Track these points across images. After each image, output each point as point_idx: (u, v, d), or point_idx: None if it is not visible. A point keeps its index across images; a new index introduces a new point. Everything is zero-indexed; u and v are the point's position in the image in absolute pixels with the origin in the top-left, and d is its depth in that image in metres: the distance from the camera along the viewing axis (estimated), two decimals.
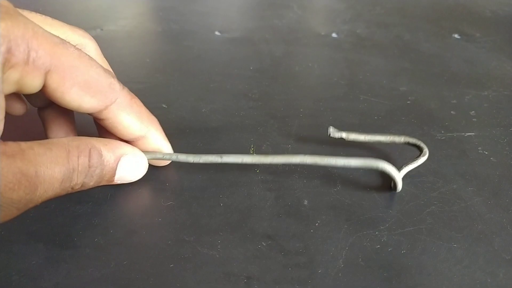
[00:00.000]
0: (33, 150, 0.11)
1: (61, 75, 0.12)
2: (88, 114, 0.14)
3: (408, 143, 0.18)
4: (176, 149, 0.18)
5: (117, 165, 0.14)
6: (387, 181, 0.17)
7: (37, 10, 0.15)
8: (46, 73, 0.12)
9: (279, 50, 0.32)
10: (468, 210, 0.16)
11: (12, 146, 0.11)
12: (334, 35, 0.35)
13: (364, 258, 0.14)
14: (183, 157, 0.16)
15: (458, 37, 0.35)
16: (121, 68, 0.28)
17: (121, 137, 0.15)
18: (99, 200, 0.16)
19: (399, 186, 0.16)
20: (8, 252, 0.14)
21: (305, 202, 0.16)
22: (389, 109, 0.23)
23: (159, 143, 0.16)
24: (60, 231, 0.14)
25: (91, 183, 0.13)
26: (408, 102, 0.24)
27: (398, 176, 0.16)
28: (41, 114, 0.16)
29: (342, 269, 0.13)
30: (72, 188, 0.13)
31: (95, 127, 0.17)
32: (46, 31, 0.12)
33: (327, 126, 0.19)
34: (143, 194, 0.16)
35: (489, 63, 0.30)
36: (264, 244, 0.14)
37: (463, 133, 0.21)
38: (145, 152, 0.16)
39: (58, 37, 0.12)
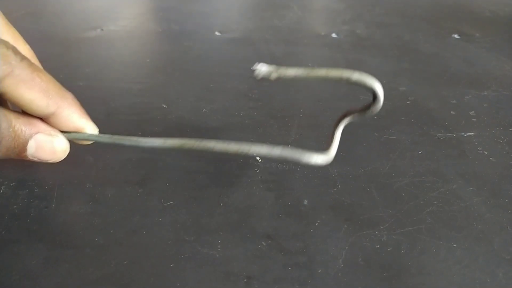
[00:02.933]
0: None
1: None
2: None
3: (355, 83, 0.13)
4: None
5: (28, 140, 0.14)
6: (387, 176, 0.17)
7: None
8: None
9: (279, 50, 0.32)
10: (467, 210, 0.16)
11: None
12: (334, 35, 0.35)
13: (364, 258, 0.14)
14: (106, 138, 0.15)
15: (458, 37, 0.35)
16: (121, 68, 0.28)
17: (29, 112, 0.14)
18: (99, 200, 0.16)
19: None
20: (8, 252, 0.13)
21: (305, 202, 0.16)
22: (389, 109, 0.23)
23: (74, 120, 0.15)
24: (60, 231, 0.14)
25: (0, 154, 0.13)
26: (408, 102, 0.24)
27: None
28: None
29: (342, 269, 0.13)
30: None
31: None
32: None
33: (326, 126, 0.19)
34: (143, 194, 0.16)
35: (488, 63, 0.30)
36: (264, 244, 0.14)
37: (463, 133, 0.21)
38: (66, 132, 0.15)
39: None
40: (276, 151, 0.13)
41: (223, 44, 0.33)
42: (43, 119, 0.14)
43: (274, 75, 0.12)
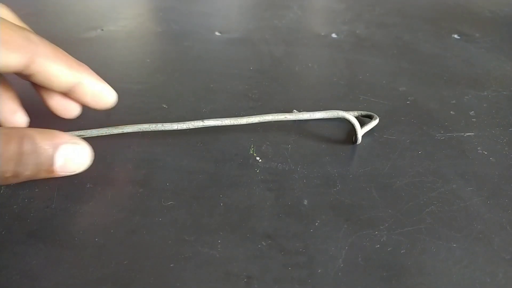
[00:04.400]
0: None
1: None
2: (18, 74, 0.14)
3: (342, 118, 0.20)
4: (177, 149, 0.18)
5: (55, 154, 0.13)
6: (381, 174, 0.17)
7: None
8: None
9: (279, 50, 0.32)
10: (467, 210, 0.16)
11: None
12: (333, 35, 0.35)
13: (364, 258, 0.14)
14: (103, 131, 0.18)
15: (458, 37, 0.35)
16: (121, 68, 0.28)
17: (57, 88, 0.15)
18: (99, 200, 0.16)
19: (359, 135, 0.19)
20: (8, 252, 0.14)
21: (305, 202, 0.16)
22: (389, 109, 0.24)
23: (98, 86, 0.16)
24: (60, 231, 0.14)
25: (27, 172, 0.13)
26: (408, 102, 0.24)
27: (357, 124, 0.19)
28: None
29: (341, 269, 0.13)
30: (4, 178, 0.12)
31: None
32: None
33: (327, 127, 0.19)
34: (143, 194, 0.16)
35: (488, 63, 0.30)
36: (264, 244, 0.14)
37: (463, 133, 0.21)
38: (79, 133, 0.16)
39: None
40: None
41: (223, 44, 0.33)
42: (69, 94, 0.15)
43: None
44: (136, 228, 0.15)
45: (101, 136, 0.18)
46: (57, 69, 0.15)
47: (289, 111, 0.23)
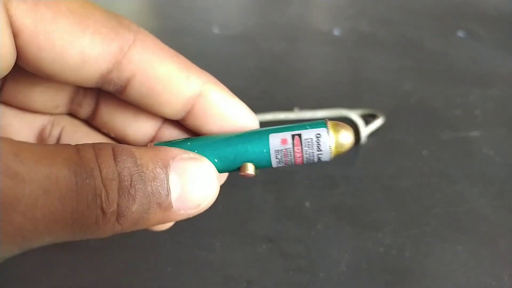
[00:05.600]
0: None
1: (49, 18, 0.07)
2: (99, 87, 0.09)
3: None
4: None
5: (168, 176, 0.08)
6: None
7: None
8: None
9: (280, 47, 0.31)
10: (473, 211, 0.16)
11: None
12: (336, 32, 0.34)
13: (367, 261, 0.13)
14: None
15: (463, 35, 0.35)
16: None
17: (165, 108, 0.09)
18: None
19: (363, 135, 0.18)
20: None
21: (307, 204, 0.16)
22: (393, 108, 0.23)
23: (228, 102, 0.09)
24: None
25: (133, 207, 0.07)
26: (412, 101, 0.24)
27: (361, 123, 0.18)
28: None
29: (344, 273, 0.13)
30: (104, 214, 0.07)
31: None
32: None
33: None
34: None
35: (494, 61, 0.30)
36: (265, 247, 0.14)
37: (468, 133, 0.21)
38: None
39: None
40: None
41: (222, 41, 0.32)
42: (183, 119, 0.09)
43: None
44: (133, 231, 0.14)
45: None
46: (165, 69, 0.08)
47: (290, 110, 0.23)
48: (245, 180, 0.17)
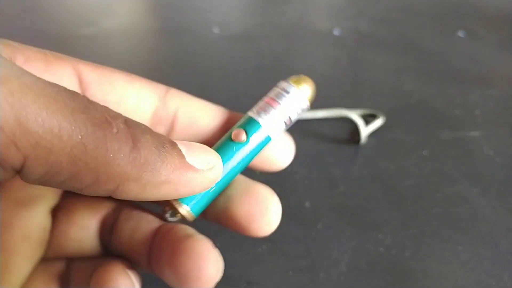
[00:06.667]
0: None
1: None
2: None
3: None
4: None
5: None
6: (385, 175, 0.17)
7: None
8: None
9: (280, 47, 0.31)
10: (473, 211, 0.16)
11: None
12: (336, 32, 0.34)
13: (368, 262, 0.13)
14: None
15: (463, 34, 0.35)
16: (117, 66, 0.27)
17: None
18: None
19: (363, 135, 0.18)
20: None
21: (307, 204, 0.16)
22: (393, 108, 0.23)
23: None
24: None
25: (148, 173, 0.07)
26: (412, 101, 0.24)
27: (361, 123, 0.18)
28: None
29: (344, 273, 0.13)
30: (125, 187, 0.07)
31: None
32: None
33: (329, 126, 0.19)
34: None
35: (494, 61, 0.30)
36: (265, 248, 0.14)
37: (468, 133, 0.21)
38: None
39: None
40: None
41: (222, 41, 0.32)
42: None
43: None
44: None
45: None
46: (196, 112, 0.10)
47: None
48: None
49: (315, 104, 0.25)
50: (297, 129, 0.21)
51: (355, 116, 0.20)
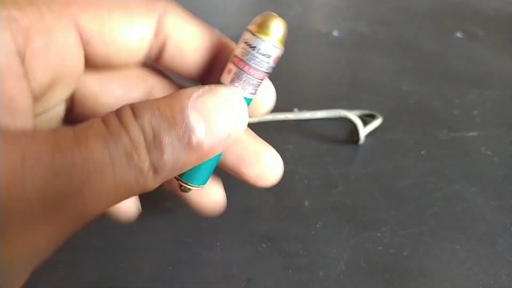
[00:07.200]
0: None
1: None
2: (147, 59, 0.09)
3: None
4: None
5: (188, 116, 0.08)
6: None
7: None
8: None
9: None
10: (471, 211, 0.16)
11: None
12: (335, 33, 0.35)
13: (366, 260, 0.14)
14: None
15: (461, 35, 0.35)
16: None
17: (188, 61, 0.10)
18: None
19: (361, 135, 0.18)
20: None
21: (306, 203, 0.16)
22: (392, 108, 0.23)
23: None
24: None
25: (165, 157, 0.07)
26: (411, 101, 0.24)
27: (360, 123, 0.18)
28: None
29: (343, 271, 0.13)
30: (140, 172, 0.07)
31: None
32: None
33: (328, 126, 0.19)
34: (141, 194, 0.16)
35: (492, 62, 0.30)
36: (264, 246, 0.14)
37: (466, 133, 0.21)
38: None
39: None
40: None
41: None
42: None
43: None
44: (134, 230, 0.14)
45: None
46: (191, 31, 0.09)
47: (290, 110, 0.23)
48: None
49: (315, 104, 0.25)
50: (296, 129, 0.21)
51: (354, 116, 0.20)
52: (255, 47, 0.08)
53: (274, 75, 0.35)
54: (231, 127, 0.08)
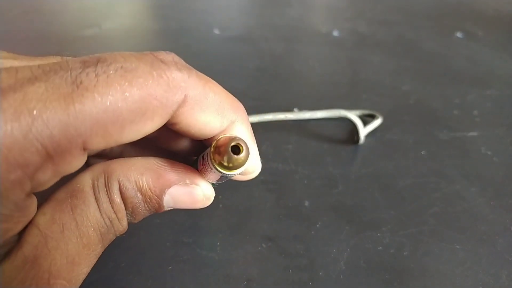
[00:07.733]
0: None
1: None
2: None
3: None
4: None
5: (162, 198, 0.10)
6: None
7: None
8: None
9: (280, 48, 0.32)
10: (471, 211, 0.16)
11: None
12: (335, 33, 0.35)
13: (366, 260, 0.14)
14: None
15: (461, 35, 0.35)
16: None
17: (196, 138, 0.11)
18: None
19: (361, 135, 0.18)
20: None
21: (306, 203, 0.16)
22: (392, 108, 0.23)
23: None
24: None
25: (135, 219, 0.11)
26: (411, 101, 0.24)
27: (360, 123, 0.18)
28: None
29: (343, 271, 0.13)
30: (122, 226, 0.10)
31: None
32: None
33: (328, 126, 0.19)
34: None
35: (492, 62, 0.30)
36: (264, 246, 0.14)
37: (466, 133, 0.21)
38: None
39: None
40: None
41: (222, 42, 0.32)
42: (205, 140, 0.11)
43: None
44: (134, 230, 0.14)
45: None
46: (204, 118, 0.10)
47: (290, 110, 0.23)
48: (246, 181, 0.17)
49: (315, 104, 0.25)
50: (296, 129, 0.21)
51: (354, 116, 0.20)
52: (221, 175, 0.10)
53: (275, 75, 0.35)
54: (190, 207, 0.11)
